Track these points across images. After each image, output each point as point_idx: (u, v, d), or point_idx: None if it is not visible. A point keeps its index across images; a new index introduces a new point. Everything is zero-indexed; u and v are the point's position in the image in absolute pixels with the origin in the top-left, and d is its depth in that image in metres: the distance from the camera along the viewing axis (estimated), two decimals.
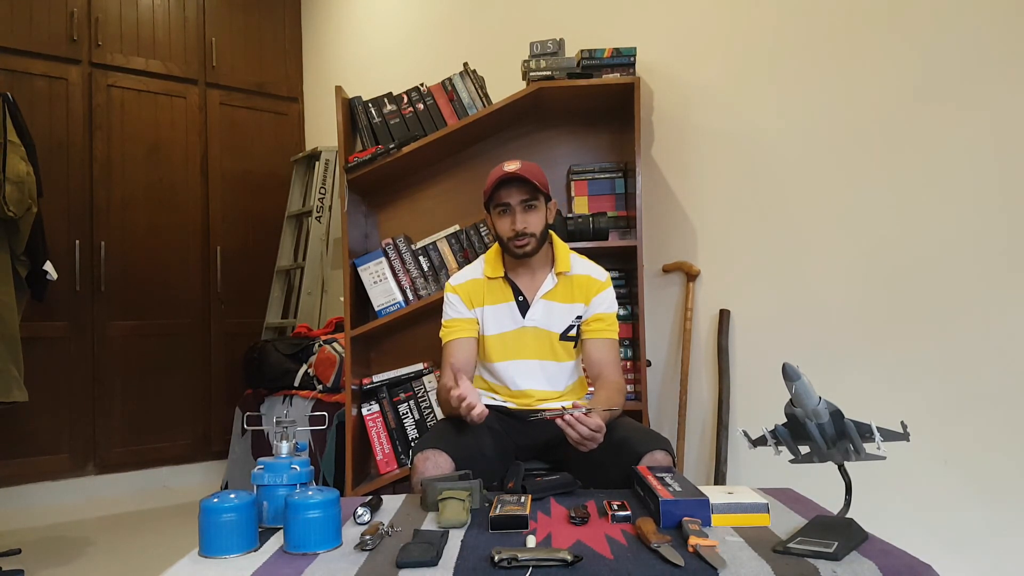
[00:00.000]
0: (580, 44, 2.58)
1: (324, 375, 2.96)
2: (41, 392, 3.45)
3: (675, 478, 1.44)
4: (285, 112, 4.43)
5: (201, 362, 4.03)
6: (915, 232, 2.02)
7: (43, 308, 3.30)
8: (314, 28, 4.45)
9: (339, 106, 2.51)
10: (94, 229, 3.71)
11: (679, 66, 2.57)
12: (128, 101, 3.85)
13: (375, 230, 2.78)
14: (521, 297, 1.92)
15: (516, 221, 1.83)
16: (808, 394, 1.23)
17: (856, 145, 2.14)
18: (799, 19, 2.27)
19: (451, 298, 1.96)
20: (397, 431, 2.54)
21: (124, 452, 3.76)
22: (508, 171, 1.82)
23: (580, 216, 2.50)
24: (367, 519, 1.37)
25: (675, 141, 2.59)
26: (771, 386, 2.19)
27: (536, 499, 1.50)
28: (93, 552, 2.84)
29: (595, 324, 1.92)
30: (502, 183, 1.84)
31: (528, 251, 1.86)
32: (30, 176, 2.61)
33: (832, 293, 2.19)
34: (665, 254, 2.61)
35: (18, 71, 3.52)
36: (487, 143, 2.70)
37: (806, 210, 2.26)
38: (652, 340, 2.60)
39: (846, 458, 1.29)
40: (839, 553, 1.11)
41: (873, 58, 2.10)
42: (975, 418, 1.90)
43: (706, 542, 1.14)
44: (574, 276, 1.93)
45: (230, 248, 4.13)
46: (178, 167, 4.00)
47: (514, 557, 1.09)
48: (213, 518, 1.20)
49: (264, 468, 1.36)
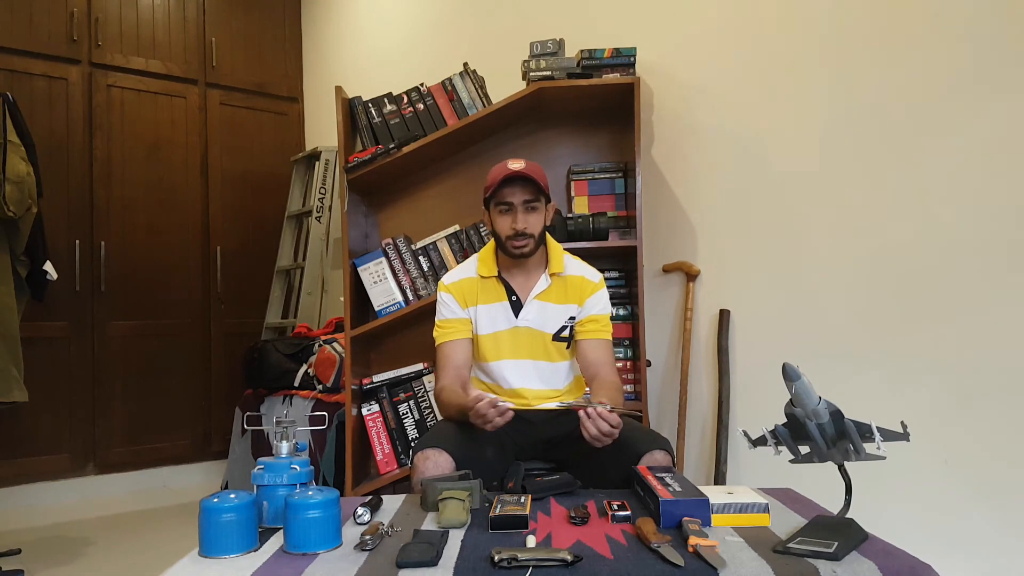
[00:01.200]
0: (580, 44, 2.58)
1: (324, 375, 2.96)
2: (41, 392, 3.45)
3: (675, 478, 1.44)
4: (285, 112, 4.43)
5: (201, 362, 4.03)
6: (915, 232, 2.02)
7: (43, 308, 3.30)
8: (314, 28, 4.45)
9: (339, 106, 2.51)
10: (94, 229, 3.71)
11: (679, 66, 2.57)
12: (128, 101, 3.85)
13: (375, 230, 2.78)
14: (514, 297, 1.91)
15: (517, 221, 1.81)
16: (808, 394, 1.23)
17: (856, 145, 2.14)
18: (799, 19, 2.27)
19: (444, 297, 1.94)
20: (397, 431, 2.54)
21: (124, 452, 3.76)
22: (513, 169, 1.80)
23: (580, 216, 2.50)
24: (367, 519, 1.37)
25: (675, 141, 2.59)
26: (771, 386, 2.18)
27: (536, 499, 1.49)
28: (93, 552, 2.84)
29: (589, 325, 1.91)
30: (506, 181, 1.81)
31: (526, 252, 1.84)
32: (30, 176, 2.61)
33: (832, 293, 2.19)
34: (665, 254, 2.61)
35: (18, 71, 3.52)
36: (487, 143, 2.70)
37: (806, 210, 2.26)
38: (652, 340, 2.60)
39: (846, 458, 1.28)
40: (839, 553, 1.11)
41: (874, 58, 2.10)
42: (975, 418, 1.90)
43: (706, 542, 1.14)
44: (568, 277, 1.92)
45: (230, 248, 4.13)
46: (178, 167, 4.00)
47: (514, 557, 1.09)
48: (213, 518, 1.20)
49: (264, 468, 1.36)
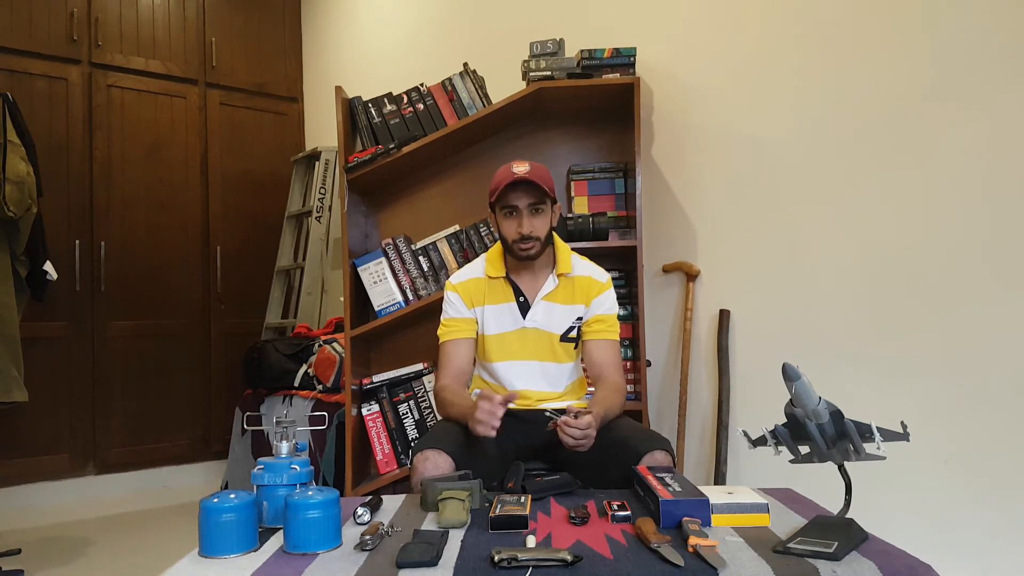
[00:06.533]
0: (580, 44, 2.58)
1: (324, 375, 2.96)
2: (41, 392, 3.45)
3: (675, 478, 1.44)
4: (285, 112, 4.43)
5: (201, 362, 4.03)
6: (915, 231, 2.02)
7: (43, 308, 3.30)
8: (314, 28, 4.45)
9: (339, 106, 2.51)
10: (94, 229, 3.71)
11: (679, 66, 2.57)
12: (128, 101, 3.85)
13: (375, 230, 2.78)
14: (522, 298, 1.91)
15: (523, 225, 1.82)
16: (808, 394, 1.22)
17: (856, 145, 2.14)
18: (799, 19, 2.27)
19: (451, 297, 1.95)
20: (397, 431, 2.54)
21: (124, 452, 3.76)
22: (518, 174, 1.79)
23: (580, 216, 2.50)
24: (367, 519, 1.37)
25: (675, 141, 2.59)
26: (771, 386, 2.19)
27: (536, 499, 1.49)
28: (93, 552, 2.84)
29: (596, 325, 1.92)
30: (511, 186, 1.81)
31: (532, 255, 1.85)
32: (30, 176, 2.61)
33: (832, 293, 2.19)
34: (665, 254, 2.61)
35: (18, 71, 3.52)
36: (487, 143, 2.70)
37: (806, 210, 2.26)
38: (652, 340, 2.60)
39: (846, 458, 1.28)
40: (839, 553, 1.11)
41: (874, 58, 2.10)
42: (975, 418, 1.90)
43: (706, 542, 1.14)
44: (575, 277, 1.93)
45: (230, 248, 4.13)
46: (178, 167, 4.00)
47: (514, 557, 1.09)
48: (213, 518, 1.20)
49: (264, 468, 1.36)
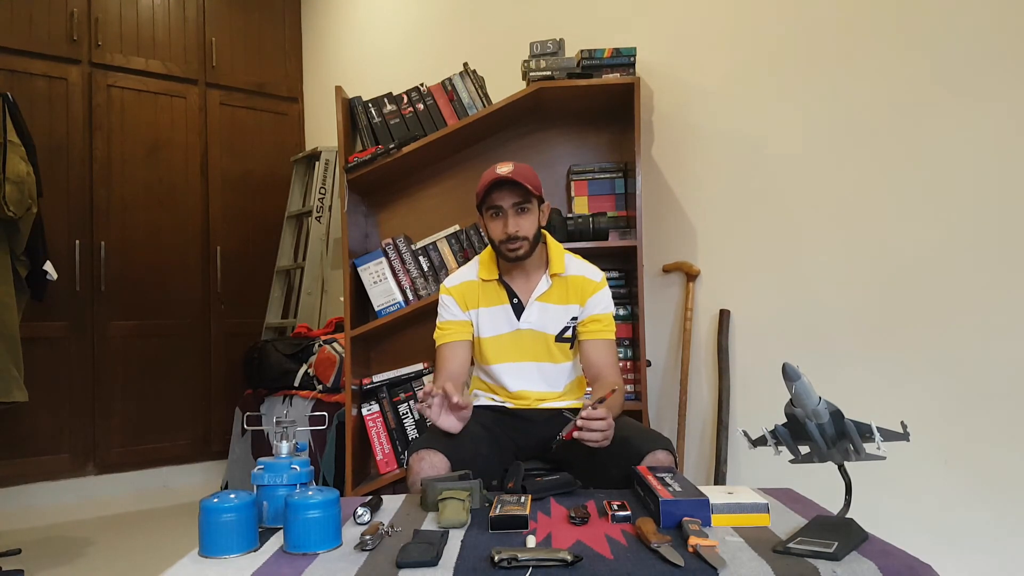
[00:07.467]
0: (580, 44, 2.58)
1: (324, 375, 2.96)
2: (41, 392, 3.45)
3: (675, 478, 1.44)
4: (285, 112, 4.43)
5: (201, 362, 4.03)
6: (915, 231, 2.02)
7: (43, 308, 3.30)
8: (314, 28, 4.45)
9: (339, 106, 2.51)
10: (94, 229, 3.71)
11: (679, 66, 2.57)
12: (128, 101, 3.85)
13: (375, 230, 2.78)
14: (516, 299, 1.91)
15: (508, 224, 1.82)
16: (808, 394, 1.22)
17: (856, 145, 2.14)
18: (799, 19, 2.27)
19: (445, 300, 1.95)
20: (397, 431, 2.54)
21: (124, 452, 3.76)
22: (500, 174, 1.80)
23: (580, 216, 2.50)
24: (367, 519, 1.37)
25: (675, 141, 2.59)
26: (771, 386, 2.19)
27: (536, 499, 1.49)
28: (93, 552, 2.84)
29: (592, 325, 1.91)
30: (494, 186, 1.82)
31: (520, 255, 1.84)
32: (30, 176, 2.61)
33: (832, 293, 2.19)
34: (665, 254, 2.61)
35: (18, 71, 3.52)
36: (487, 143, 2.70)
37: (806, 210, 2.26)
38: (652, 340, 2.60)
39: (846, 458, 1.28)
40: (839, 553, 1.11)
41: (874, 58, 2.10)
42: (976, 418, 1.90)
43: (706, 542, 1.14)
44: (569, 277, 1.92)
45: (230, 248, 4.13)
46: (178, 167, 4.00)
47: (514, 557, 1.09)
48: (213, 518, 1.20)
49: (264, 468, 1.36)
